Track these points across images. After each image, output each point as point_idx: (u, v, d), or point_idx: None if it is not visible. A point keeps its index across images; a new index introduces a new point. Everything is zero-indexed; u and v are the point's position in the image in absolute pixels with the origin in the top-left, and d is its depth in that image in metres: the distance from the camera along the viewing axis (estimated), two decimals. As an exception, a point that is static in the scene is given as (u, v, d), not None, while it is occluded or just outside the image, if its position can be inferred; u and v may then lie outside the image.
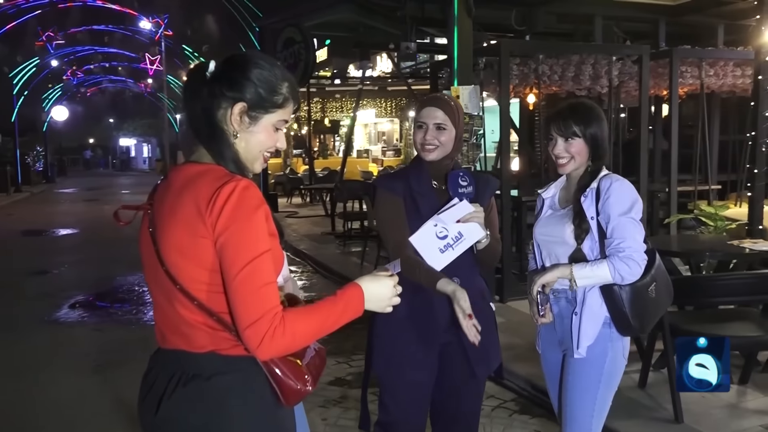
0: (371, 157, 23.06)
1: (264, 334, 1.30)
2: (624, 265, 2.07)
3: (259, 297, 1.32)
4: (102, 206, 17.92)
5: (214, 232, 1.33)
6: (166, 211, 1.41)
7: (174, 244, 1.38)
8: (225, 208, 1.33)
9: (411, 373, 2.25)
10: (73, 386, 4.35)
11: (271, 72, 1.46)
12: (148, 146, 53.37)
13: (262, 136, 1.48)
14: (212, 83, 1.44)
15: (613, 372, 2.21)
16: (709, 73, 6.88)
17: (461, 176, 2.16)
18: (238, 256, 1.32)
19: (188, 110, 1.48)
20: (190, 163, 1.47)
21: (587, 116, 2.20)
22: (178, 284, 1.38)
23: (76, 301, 6.79)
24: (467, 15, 5.33)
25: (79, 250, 10.49)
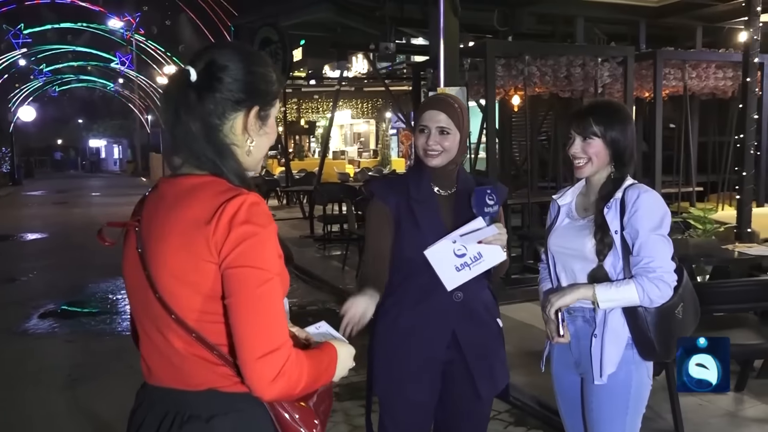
0: (347, 158, 22.90)
1: (280, 368, 1.13)
2: (654, 287, 1.90)
3: (275, 324, 1.16)
4: (72, 209, 17.48)
5: (220, 253, 1.17)
6: (159, 229, 1.24)
7: (169, 268, 1.20)
8: (233, 225, 1.16)
9: (412, 393, 2.12)
10: (44, 403, 4.11)
11: (257, 60, 1.30)
12: (119, 147, 52.52)
13: (271, 134, 1.35)
14: (209, 94, 1.24)
15: (640, 396, 2.06)
16: (692, 75, 6.89)
17: (488, 194, 2.00)
18: (250, 278, 1.16)
19: (178, 130, 1.26)
20: (184, 175, 1.28)
21: (610, 117, 2.02)
22: (174, 313, 1.20)
23: (47, 310, 6.50)
24: (453, 14, 5.23)
25: (49, 255, 10.13)
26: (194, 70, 1.24)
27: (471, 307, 2.11)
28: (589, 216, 2.07)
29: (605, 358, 2.00)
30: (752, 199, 4.94)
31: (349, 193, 9.03)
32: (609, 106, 2.09)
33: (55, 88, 38.58)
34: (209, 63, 1.26)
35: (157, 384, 1.29)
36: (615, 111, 2.05)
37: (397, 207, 2.09)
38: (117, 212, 16.28)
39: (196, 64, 1.26)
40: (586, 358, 2.06)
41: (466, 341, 2.10)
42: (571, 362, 2.15)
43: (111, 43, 31.67)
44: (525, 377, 3.91)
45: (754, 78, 4.69)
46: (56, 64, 34.02)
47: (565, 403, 2.24)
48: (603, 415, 2.05)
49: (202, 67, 1.25)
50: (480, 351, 2.13)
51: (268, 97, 1.31)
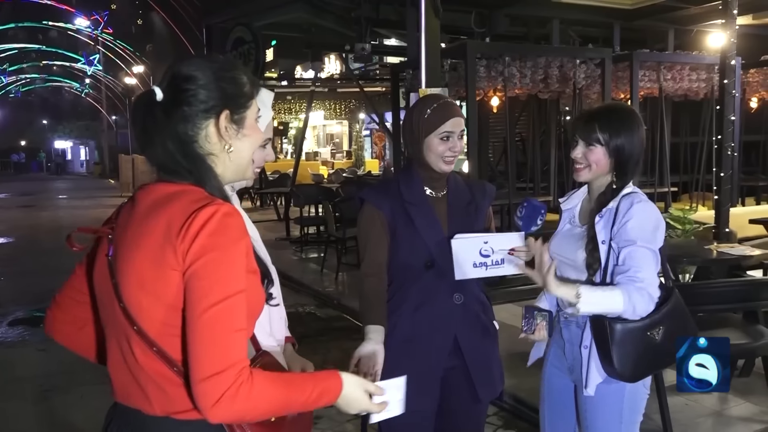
0: (321, 160, 22.77)
1: (225, 390, 1.06)
2: (640, 298, 1.79)
3: (227, 344, 1.09)
4: (38, 213, 17.03)
5: (185, 261, 1.11)
6: (130, 236, 1.19)
7: (135, 276, 1.15)
8: (200, 233, 1.11)
9: (414, 403, 2.06)
10: (16, 416, 3.96)
11: (221, 65, 1.26)
12: (86, 149, 51.46)
13: (251, 136, 1.29)
14: (175, 110, 1.21)
15: (635, 406, 2.00)
16: (667, 76, 6.98)
17: (542, 214, 1.98)
18: (209, 291, 1.09)
19: (155, 151, 1.22)
20: (161, 182, 1.23)
21: (616, 124, 1.92)
22: (136, 325, 1.14)
23: (16, 317, 6.30)
24: (434, 15, 5.20)
25: (15, 260, 9.82)
26: (159, 88, 1.22)
27: (471, 310, 2.10)
28: (587, 224, 2.00)
29: (591, 370, 1.94)
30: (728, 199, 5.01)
31: (327, 195, 8.95)
32: (617, 112, 2.00)
33: (19, 89, 37.63)
34: (172, 77, 1.23)
35: (123, 402, 1.22)
36: (623, 118, 1.96)
37: (392, 212, 2.05)
38: (86, 215, 15.91)
39: (161, 82, 1.24)
40: (578, 366, 2.02)
41: (467, 347, 2.08)
42: (564, 367, 2.11)
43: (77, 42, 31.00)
44: (511, 379, 3.87)
45: (731, 80, 4.75)
46: (20, 64, 33.18)
47: (550, 407, 2.18)
48: (597, 424, 2.00)
49: (167, 83, 1.23)
50: (480, 356, 2.11)
51: (240, 99, 1.26)
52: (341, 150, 24.50)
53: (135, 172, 18.69)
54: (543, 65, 6.13)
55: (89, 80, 35.63)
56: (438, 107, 2.05)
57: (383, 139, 21.74)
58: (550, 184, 7.61)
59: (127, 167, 20.14)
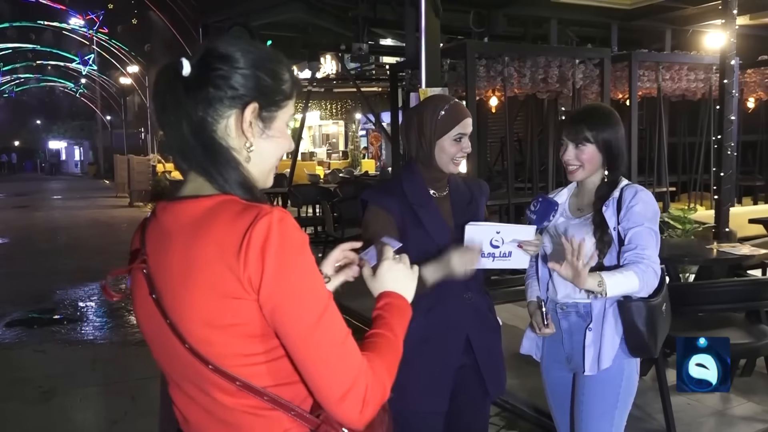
0: (317, 160, 22.75)
1: (364, 398, 1.02)
2: (648, 274, 1.94)
3: (345, 357, 1.03)
4: (34, 213, 16.96)
5: (258, 290, 1.00)
6: (175, 269, 1.05)
7: (197, 314, 1.03)
8: (266, 254, 0.98)
9: (427, 404, 2.07)
10: (15, 418, 3.92)
11: (266, 54, 1.12)
12: (80, 149, 51.27)
13: (278, 141, 1.13)
14: (200, 88, 1.06)
15: (629, 391, 2.10)
16: (665, 76, 6.99)
17: (555, 211, 2.03)
18: (306, 313, 1.01)
19: (170, 132, 1.09)
20: (185, 198, 1.08)
21: (601, 121, 2.06)
22: (211, 364, 1.03)
23: (13, 319, 6.24)
24: (434, 15, 5.18)
25: (11, 261, 9.76)
26: (188, 62, 1.08)
27: (480, 308, 2.12)
28: (585, 215, 2.11)
29: (603, 351, 2.03)
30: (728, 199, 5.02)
31: (325, 195, 8.94)
32: (599, 111, 2.13)
33: (13, 89, 37.44)
34: (206, 52, 1.09)
35: None
36: (605, 116, 2.09)
37: (401, 214, 2.03)
38: (81, 215, 15.86)
39: (192, 56, 1.09)
40: (579, 353, 2.09)
41: (479, 345, 2.09)
42: (562, 358, 2.18)
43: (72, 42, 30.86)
44: (512, 379, 3.87)
45: (731, 80, 4.76)
46: (14, 64, 33.01)
47: (556, 400, 2.27)
48: (593, 409, 2.08)
49: (198, 58, 1.09)
50: (489, 354, 2.13)
51: (274, 95, 1.11)
52: (337, 150, 24.48)
53: (130, 173, 18.60)
54: (542, 65, 6.13)
55: (84, 80, 35.47)
56: (450, 108, 2.04)
57: (379, 139, 21.73)
58: (548, 184, 7.61)
59: (122, 168, 20.04)
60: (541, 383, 2.31)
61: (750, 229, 5.80)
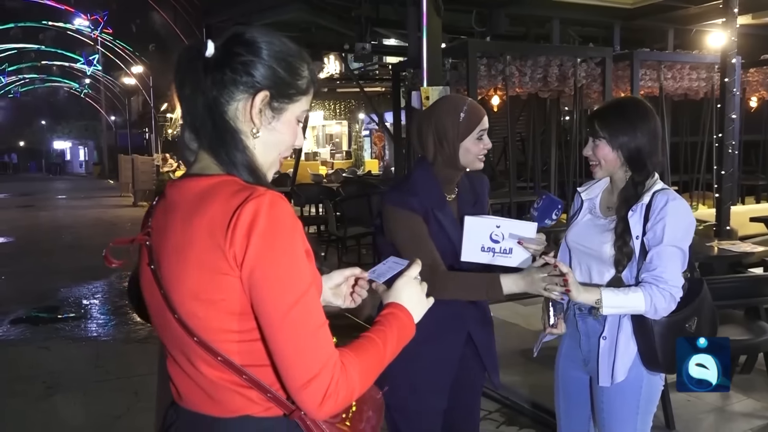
0: (320, 160, 22.78)
1: (326, 389, 1.04)
2: (661, 299, 1.83)
3: (316, 345, 1.05)
4: (38, 213, 17.03)
5: (241, 266, 1.03)
6: (172, 242, 1.10)
7: (186, 286, 1.07)
8: (252, 235, 1.02)
9: (433, 400, 2.08)
10: (19, 414, 3.96)
11: (288, 49, 1.15)
12: (85, 149, 51.40)
13: (284, 133, 1.17)
14: (218, 69, 1.11)
15: (651, 397, 2.03)
16: (667, 76, 7.00)
17: (558, 209, 1.96)
18: (282, 295, 1.03)
19: (186, 106, 1.14)
20: (192, 176, 1.14)
21: (616, 120, 1.92)
22: (196, 336, 1.08)
23: (18, 316, 6.28)
24: (436, 14, 5.21)
25: (16, 260, 9.81)
26: (213, 44, 1.13)
27: (481, 306, 2.14)
28: (612, 217, 1.98)
29: (617, 365, 1.95)
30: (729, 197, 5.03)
31: (328, 194, 8.97)
32: (617, 108, 1.99)
33: (18, 89, 37.58)
34: (232, 36, 1.14)
35: (188, 408, 1.17)
36: (624, 113, 1.94)
37: (425, 215, 2.01)
38: (85, 215, 15.92)
39: (218, 39, 1.14)
40: (595, 359, 2.01)
41: (479, 339, 2.13)
42: (579, 359, 2.10)
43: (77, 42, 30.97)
44: (513, 376, 3.90)
45: (732, 78, 4.77)
46: (19, 64, 33.14)
47: (566, 400, 2.19)
48: (614, 416, 2.02)
49: (223, 41, 1.14)
50: (490, 348, 2.18)
51: (288, 89, 1.15)
52: (341, 150, 24.50)
53: (134, 173, 18.66)
54: (543, 64, 6.14)
55: (88, 80, 35.59)
56: (469, 109, 2.03)
57: (383, 139, 21.74)
58: (550, 183, 7.63)
59: (126, 167, 20.11)
60: (541, 380, 2.30)
61: (751, 227, 5.80)
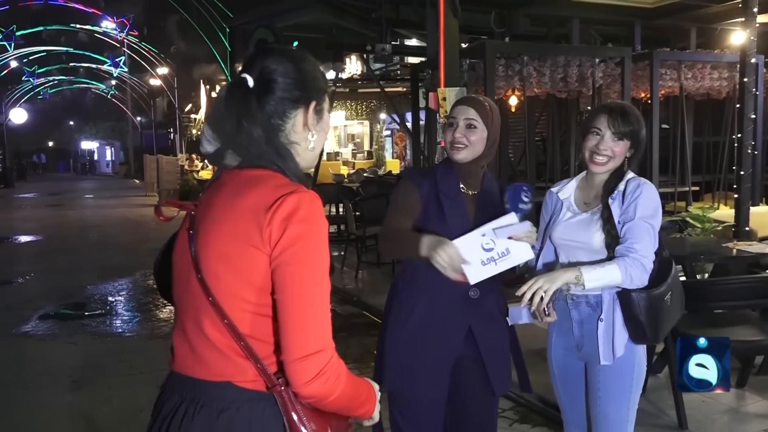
0: (342, 160, 22.89)
1: (320, 369, 1.15)
2: (635, 267, 1.97)
3: (324, 326, 1.17)
4: (66, 212, 17.41)
5: (274, 246, 1.16)
6: (214, 212, 1.24)
7: (217, 250, 1.21)
8: (291, 220, 1.16)
9: (425, 390, 2.13)
10: (45, 406, 4.09)
11: (304, 58, 1.32)
12: (112, 149, 52.23)
13: (326, 129, 1.37)
14: (267, 97, 1.26)
15: (641, 374, 2.17)
16: (687, 75, 6.94)
17: (525, 191, 2.01)
18: (307, 275, 1.16)
19: (242, 137, 1.26)
20: (245, 167, 1.28)
21: (638, 120, 2.11)
22: (211, 296, 1.20)
23: (46, 312, 6.48)
24: (453, 15, 5.25)
25: (44, 258, 10.07)
26: (250, 77, 1.26)
27: (486, 305, 2.14)
28: (592, 209, 2.13)
29: (616, 341, 2.07)
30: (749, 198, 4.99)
31: (347, 194, 9.04)
32: (633, 109, 2.15)
33: (47, 90, 38.33)
34: (263, 68, 1.28)
35: (178, 371, 1.29)
36: (638, 115, 2.13)
37: (427, 195, 2.10)
38: (112, 214, 16.23)
39: (250, 71, 1.28)
40: (591, 342, 2.12)
41: (482, 337, 2.13)
42: (572, 346, 2.21)
43: (104, 44, 31.52)
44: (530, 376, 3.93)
45: (751, 78, 4.73)
46: (48, 66, 33.82)
47: (564, 385, 2.31)
48: (610, 395, 2.13)
49: (258, 74, 1.27)
50: (494, 347, 2.17)
51: (320, 91, 1.33)
52: (362, 150, 24.59)
53: (159, 173, 18.95)
54: (562, 64, 6.14)
55: (115, 82, 36.19)
56: (456, 101, 2.17)
57: (404, 139, 21.78)
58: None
59: (151, 167, 20.43)
60: None
61: (773, 228, 5.73)
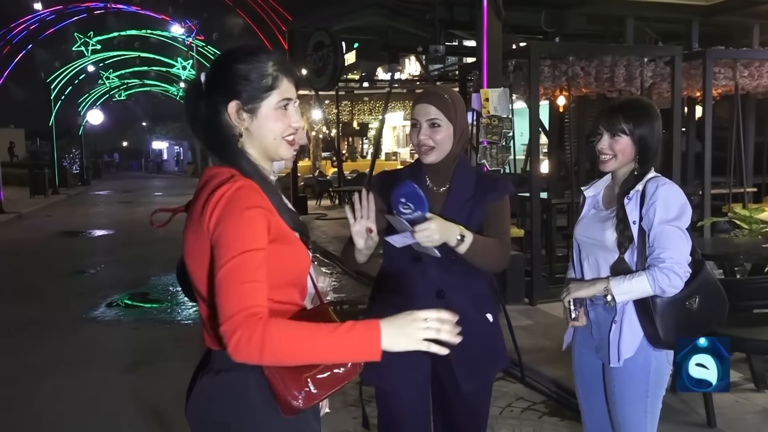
0: (400, 160, 23.08)
1: (235, 332, 1.22)
2: (664, 277, 1.97)
3: (238, 293, 1.26)
4: (135, 208, 18.28)
5: (210, 232, 1.34)
6: (189, 214, 1.46)
7: (188, 246, 1.43)
8: (217, 207, 1.33)
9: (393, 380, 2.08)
10: (109, 384, 4.47)
11: (250, 57, 1.44)
12: (180, 149, 54.14)
13: (270, 124, 1.45)
14: (207, 94, 1.45)
15: (659, 381, 2.16)
16: (744, 74, 6.76)
17: (402, 203, 1.82)
18: (225, 251, 1.30)
19: (195, 130, 1.48)
20: (209, 167, 1.48)
21: (638, 115, 2.08)
22: (195, 285, 1.43)
23: (113, 300, 6.97)
24: (497, 18, 5.35)
25: (114, 251, 10.73)
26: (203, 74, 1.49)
27: (455, 305, 1.99)
28: (611, 208, 2.14)
29: (622, 343, 2.09)
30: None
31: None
32: (638, 104, 2.15)
33: (121, 93, 40.29)
34: (211, 66, 1.51)
35: (206, 345, 1.52)
36: (644, 109, 2.11)
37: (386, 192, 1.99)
38: (177, 211, 16.96)
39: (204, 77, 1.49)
40: (605, 345, 2.15)
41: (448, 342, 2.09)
42: (592, 346, 2.25)
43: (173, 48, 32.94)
44: (560, 371, 4.01)
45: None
46: (122, 70, 35.57)
47: (583, 384, 2.34)
48: (625, 398, 2.14)
49: (208, 70, 1.50)
50: (463, 348, 1.99)
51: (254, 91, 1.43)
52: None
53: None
54: (609, 64, 6.12)
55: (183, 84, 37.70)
56: (416, 97, 2.09)
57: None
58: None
59: (215, 166, 21.15)
60: None
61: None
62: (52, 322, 6.12)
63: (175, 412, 1.55)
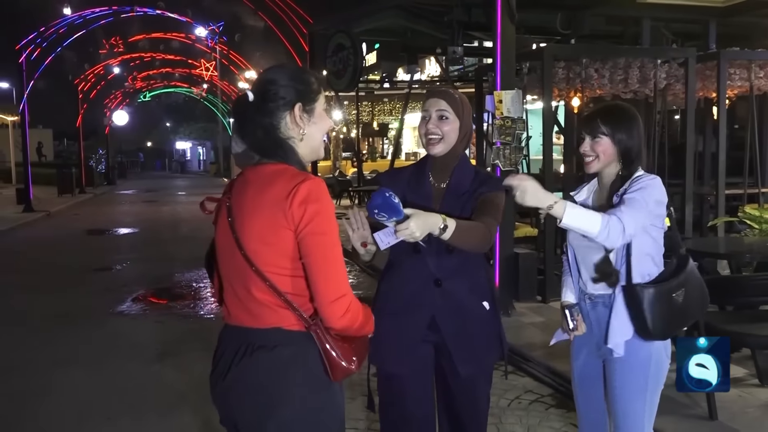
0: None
1: (347, 307, 1.57)
2: (617, 226, 1.98)
3: (344, 276, 1.59)
4: (160, 207, 18.64)
5: (297, 223, 1.55)
6: (247, 204, 1.62)
7: (255, 233, 1.59)
8: (307, 203, 1.54)
9: (394, 367, 2.23)
10: (136, 374, 4.68)
11: (294, 71, 1.70)
12: (203, 149, 54.77)
13: (321, 123, 1.71)
14: (263, 105, 1.65)
15: (659, 375, 2.21)
16: (759, 74, 6.78)
17: (377, 213, 1.86)
18: (326, 241, 1.56)
19: (250, 137, 1.68)
20: (263, 163, 1.67)
21: (617, 118, 2.19)
22: (254, 267, 1.59)
23: (138, 295, 7.22)
24: (510, 20, 5.46)
25: (139, 248, 11.02)
26: (251, 92, 1.68)
27: (453, 293, 2.19)
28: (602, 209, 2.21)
29: (612, 327, 2.15)
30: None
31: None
32: (615, 109, 2.27)
33: (146, 94, 40.96)
34: (259, 82, 1.70)
35: (234, 323, 1.68)
36: (621, 113, 2.22)
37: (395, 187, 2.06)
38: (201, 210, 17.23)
39: (253, 88, 1.70)
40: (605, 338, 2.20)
41: (446, 325, 2.19)
42: (592, 344, 2.30)
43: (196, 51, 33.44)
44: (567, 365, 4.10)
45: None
46: (147, 71, 36.16)
47: (581, 382, 2.38)
48: (626, 391, 2.20)
49: (256, 87, 1.69)
50: (460, 334, 2.20)
51: (308, 93, 1.68)
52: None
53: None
54: (622, 66, 6.19)
55: (206, 85, 38.23)
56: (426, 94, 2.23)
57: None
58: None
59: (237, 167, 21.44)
60: None
61: None
62: (80, 316, 6.38)
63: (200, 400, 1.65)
